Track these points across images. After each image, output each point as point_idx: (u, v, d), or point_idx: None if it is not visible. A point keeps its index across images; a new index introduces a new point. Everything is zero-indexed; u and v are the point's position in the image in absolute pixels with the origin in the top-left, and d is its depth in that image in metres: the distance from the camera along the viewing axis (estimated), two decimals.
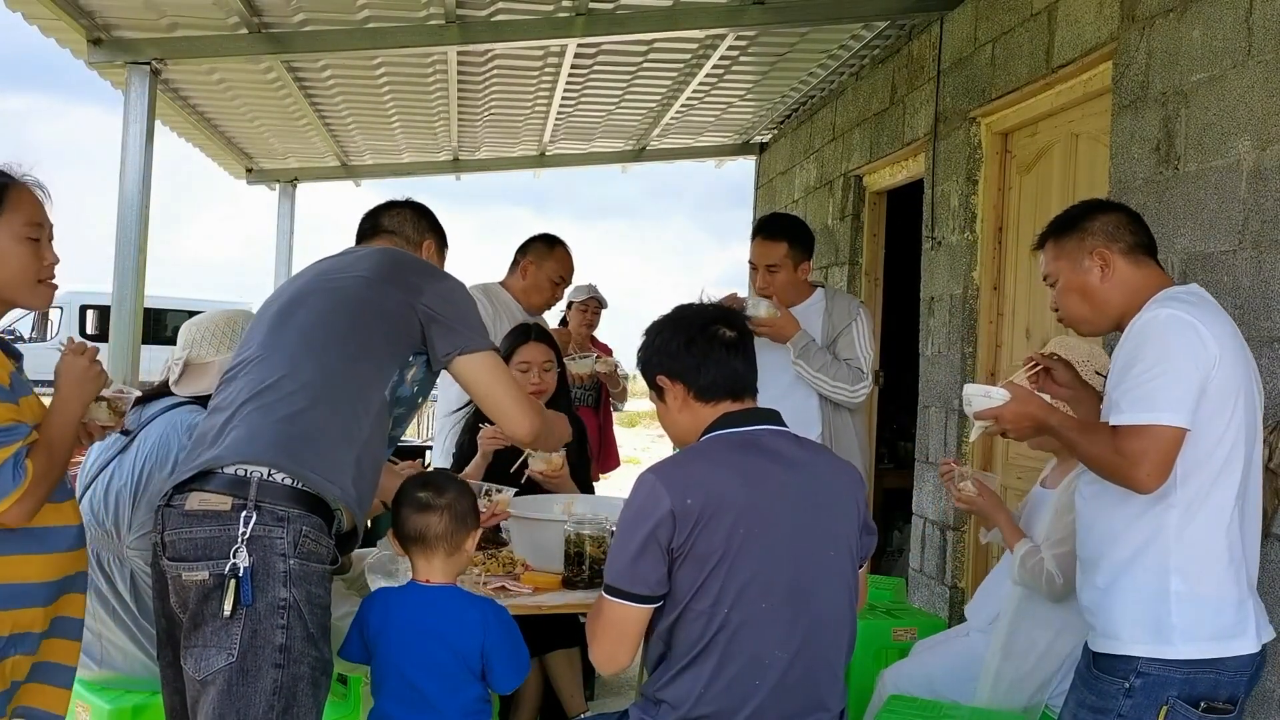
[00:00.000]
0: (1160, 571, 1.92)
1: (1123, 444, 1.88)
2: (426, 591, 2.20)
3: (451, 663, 2.15)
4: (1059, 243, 2.13)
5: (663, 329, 2.09)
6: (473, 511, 2.25)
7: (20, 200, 1.91)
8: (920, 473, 4.64)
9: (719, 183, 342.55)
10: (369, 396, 2.08)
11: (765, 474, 1.94)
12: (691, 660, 1.90)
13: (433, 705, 2.14)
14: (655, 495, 1.89)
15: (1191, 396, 1.87)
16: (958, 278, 4.31)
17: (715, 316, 2.07)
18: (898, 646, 3.35)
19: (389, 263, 2.21)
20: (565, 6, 4.38)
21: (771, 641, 1.90)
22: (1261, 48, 2.62)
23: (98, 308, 17.66)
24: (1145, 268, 2.07)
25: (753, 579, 1.89)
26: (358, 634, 2.22)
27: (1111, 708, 1.93)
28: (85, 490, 2.59)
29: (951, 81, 4.39)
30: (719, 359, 2.02)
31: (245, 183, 7.57)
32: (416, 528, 2.19)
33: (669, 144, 7.42)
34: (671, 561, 1.89)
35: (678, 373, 2.04)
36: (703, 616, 1.88)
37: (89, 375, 1.99)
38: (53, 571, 1.98)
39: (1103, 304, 2.07)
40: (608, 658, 1.97)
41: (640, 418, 19.00)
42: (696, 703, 1.89)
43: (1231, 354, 1.93)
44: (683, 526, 1.87)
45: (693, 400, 2.04)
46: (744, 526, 1.89)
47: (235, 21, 4.33)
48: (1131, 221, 2.11)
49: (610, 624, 1.94)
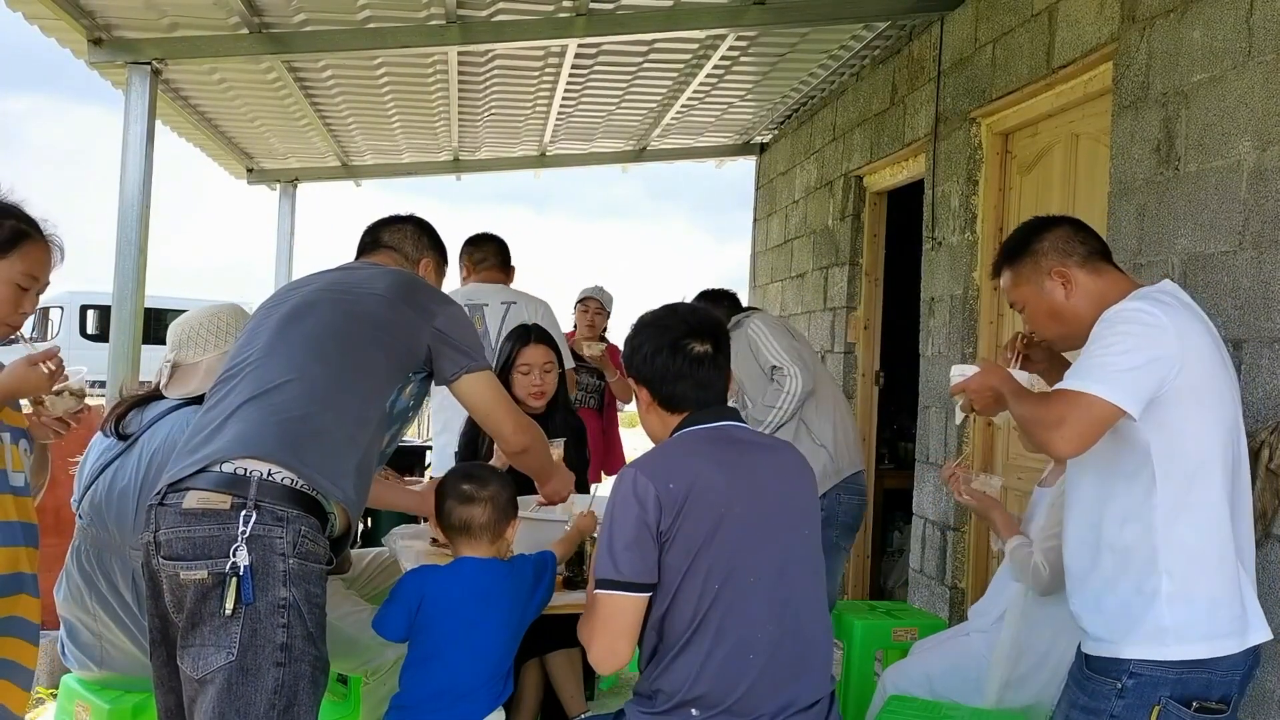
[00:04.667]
0: (1149, 573, 1.91)
1: (1049, 406, 1.89)
2: (475, 562, 2.34)
3: (499, 622, 2.28)
4: (1015, 269, 2.16)
5: (640, 332, 2.17)
6: (512, 503, 2.41)
7: (31, 253, 2.06)
8: (920, 473, 4.64)
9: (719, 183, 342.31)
10: (371, 408, 2.14)
11: (739, 460, 2.03)
12: (684, 645, 1.94)
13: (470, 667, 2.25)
14: (639, 484, 1.95)
15: (1136, 381, 1.85)
16: (958, 278, 4.31)
17: (688, 329, 2.12)
18: (898, 646, 3.36)
19: (404, 284, 2.29)
20: (566, 7, 4.38)
21: (760, 619, 1.95)
22: (1262, 48, 2.62)
23: (98, 307, 17.65)
24: (1106, 274, 2.09)
25: (738, 559, 1.94)
26: (403, 608, 2.29)
27: (1103, 708, 1.93)
28: (85, 491, 2.59)
29: (952, 82, 4.39)
30: (686, 373, 2.08)
31: (246, 183, 7.56)
32: (462, 518, 2.35)
33: (669, 144, 7.42)
34: (660, 547, 1.94)
35: (646, 379, 2.13)
36: (690, 601, 1.93)
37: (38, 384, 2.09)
38: None
39: (1074, 319, 2.08)
40: (607, 652, 1.98)
41: None
42: (692, 685, 1.93)
43: (1201, 353, 1.93)
44: (668, 510, 1.93)
45: (657, 407, 2.13)
46: (725, 509, 1.95)
47: (236, 21, 4.33)
48: (1078, 232, 2.13)
49: (606, 618, 1.96)
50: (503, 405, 2.39)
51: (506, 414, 2.39)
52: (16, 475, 2.15)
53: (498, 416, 2.37)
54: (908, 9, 4.47)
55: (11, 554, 2.11)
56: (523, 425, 2.44)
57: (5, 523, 2.11)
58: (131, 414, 2.64)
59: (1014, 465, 4.00)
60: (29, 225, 2.07)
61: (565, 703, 3.23)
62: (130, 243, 4.30)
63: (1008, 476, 3.98)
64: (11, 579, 2.12)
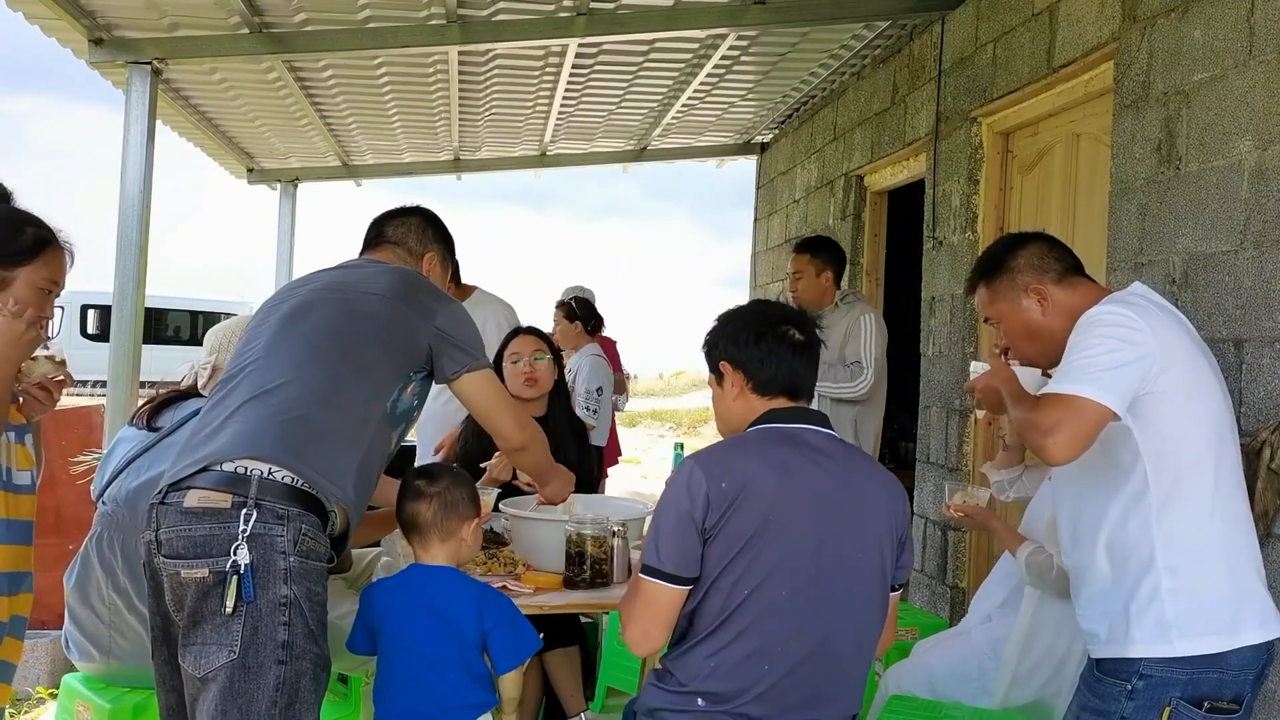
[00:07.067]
0: (1149, 571, 1.91)
1: (1042, 412, 1.89)
2: (426, 570, 2.30)
3: (452, 639, 2.21)
4: (991, 286, 2.18)
5: (735, 319, 2.16)
6: (468, 501, 2.35)
7: (52, 259, 2.14)
8: (921, 473, 4.64)
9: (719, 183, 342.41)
10: (372, 407, 2.14)
11: (801, 468, 1.99)
12: (705, 638, 1.95)
13: (438, 681, 2.19)
14: (692, 477, 1.96)
15: (1119, 380, 1.86)
16: (959, 278, 4.31)
17: (788, 317, 2.15)
18: (898, 646, 3.36)
19: (404, 283, 2.28)
20: (566, 6, 4.39)
21: (786, 631, 1.93)
22: (1263, 48, 2.62)
23: (99, 307, 17.67)
24: (1079, 287, 2.10)
25: (777, 566, 1.93)
26: (362, 624, 2.28)
27: (1113, 710, 1.93)
28: (111, 479, 2.62)
29: (953, 81, 4.39)
30: (784, 357, 2.09)
31: (246, 182, 7.57)
32: (410, 514, 2.31)
33: (670, 144, 7.43)
34: (704, 541, 1.94)
35: (742, 363, 2.11)
36: (721, 594, 1.93)
37: (24, 340, 2.06)
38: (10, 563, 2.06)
39: (1049, 336, 2.09)
40: (642, 636, 1.99)
41: (640, 418, 19.01)
42: (705, 679, 1.94)
43: (1183, 350, 1.94)
44: (716, 507, 1.93)
45: (750, 391, 2.11)
46: (774, 515, 1.93)
47: (236, 21, 4.33)
48: (1053, 248, 2.15)
49: (645, 604, 1.97)
50: (503, 403, 2.38)
51: (507, 412, 2.38)
52: (22, 474, 2.16)
53: (498, 414, 2.36)
54: (908, 8, 4.47)
55: (17, 552, 2.12)
56: (523, 422, 2.43)
57: (9, 520, 2.11)
58: (166, 410, 2.71)
59: None
60: (49, 233, 2.15)
61: (564, 701, 3.23)
62: (131, 242, 4.30)
63: None
64: (20, 576, 2.14)
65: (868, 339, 4.22)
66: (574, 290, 5.83)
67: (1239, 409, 2.55)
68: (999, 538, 2.79)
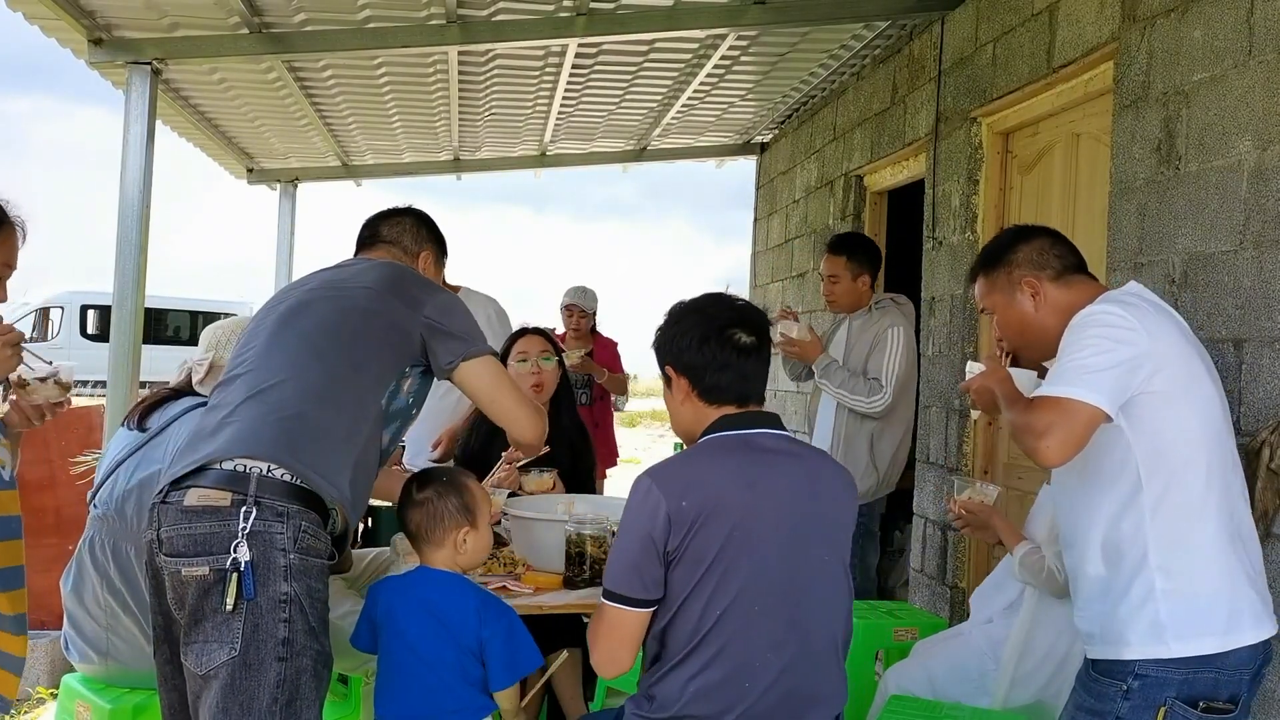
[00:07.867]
0: (1143, 572, 1.92)
1: (1035, 415, 1.89)
2: (431, 573, 2.29)
3: (450, 644, 2.20)
4: (989, 277, 2.18)
5: (682, 319, 2.05)
6: (455, 511, 2.29)
7: (5, 240, 2.02)
8: (921, 473, 4.64)
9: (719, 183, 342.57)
10: (368, 403, 2.13)
11: (762, 477, 1.94)
12: (682, 660, 1.90)
13: (437, 683, 2.19)
14: (651, 498, 1.89)
15: (1113, 381, 1.87)
16: (959, 278, 4.30)
17: (735, 318, 2.03)
18: (898, 646, 3.36)
19: (392, 276, 2.27)
20: (566, 6, 4.39)
21: (764, 645, 1.90)
22: (1262, 48, 2.62)
23: (98, 307, 17.68)
24: (1076, 285, 2.10)
25: (747, 582, 1.89)
26: (366, 620, 2.28)
27: (1109, 710, 1.93)
28: (103, 481, 2.62)
29: (952, 81, 4.39)
30: (729, 363, 1.99)
31: (246, 183, 7.57)
32: (403, 518, 2.34)
33: (670, 144, 7.42)
34: (667, 564, 1.90)
35: (685, 368, 2.02)
36: (693, 616, 1.89)
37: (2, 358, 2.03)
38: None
39: (1041, 332, 2.10)
40: (608, 660, 1.97)
41: (640, 418, 19.01)
42: (687, 704, 1.89)
43: (1177, 350, 1.94)
44: (678, 529, 1.87)
45: (695, 398, 2.03)
46: (739, 529, 1.88)
47: (236, 21, 4.33)
48: (1056, 244, 2.15)
49: (610, 628, 1.95)
50: (507, 388, 2.30)
51: (516, 403, 2.29)
52: (2, 470, 2.16)
53: (504, 401, 2.28)
54: (908, 8, 4.47)
55: (11, 547, 2.12)
56: (535, 413, 2.35)
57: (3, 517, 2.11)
58: (156, 410, 2.70)
59: (1014, 465, 4.00)
60: (1, 214, 2.05)
61: (565, 704, 3.22)
62: (130, 242, 4.30)
63: (1007, 478, 3.98)
64: (13, 572, 2.12)
65: (892, 356, 4.07)
66: (577, 290, 5.75)
67: (1239, 409, 2.55)
68: (1000, 534, 2.78)
